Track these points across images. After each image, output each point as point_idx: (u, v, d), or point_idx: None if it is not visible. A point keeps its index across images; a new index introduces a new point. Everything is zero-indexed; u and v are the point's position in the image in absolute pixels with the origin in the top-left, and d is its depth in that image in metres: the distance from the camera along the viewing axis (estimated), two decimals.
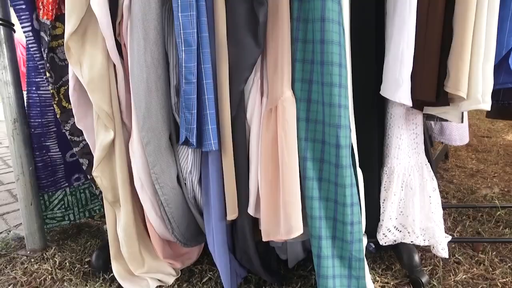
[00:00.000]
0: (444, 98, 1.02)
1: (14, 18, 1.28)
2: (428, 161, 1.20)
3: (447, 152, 2.66)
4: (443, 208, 1.20)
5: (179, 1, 0.88)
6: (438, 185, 1.18)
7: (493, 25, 0.96)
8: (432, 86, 1.02)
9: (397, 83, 0.98)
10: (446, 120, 1.15)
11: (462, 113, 1.11)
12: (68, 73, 1.07)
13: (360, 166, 1.05)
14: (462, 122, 1.15)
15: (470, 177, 2.28)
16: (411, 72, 0.98)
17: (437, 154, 2.43)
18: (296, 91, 0.99)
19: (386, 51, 1.02)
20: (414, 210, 1.15)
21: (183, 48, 0.90)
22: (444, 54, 1.00)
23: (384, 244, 1.18)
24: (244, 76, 0.99)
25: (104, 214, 1.18)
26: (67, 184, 1.51)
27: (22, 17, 1.14)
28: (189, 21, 0.89)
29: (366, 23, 1.04)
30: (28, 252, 1.43)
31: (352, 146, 0.99)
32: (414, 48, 0.98)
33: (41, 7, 1.11)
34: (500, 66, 1.04)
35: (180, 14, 0.88)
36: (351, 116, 1.02)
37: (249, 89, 1.04)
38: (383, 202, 1.16)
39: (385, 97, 1.03)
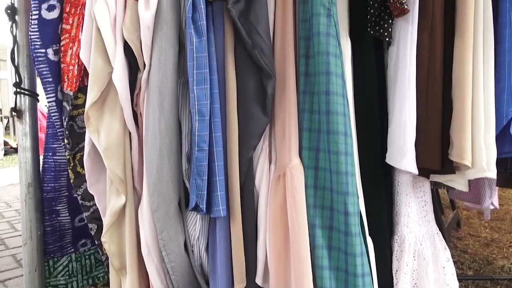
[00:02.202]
0: (449, 166, 1.04)
1: (39, 89, 1.37)
2: (440, 230, 1.18)
3: (459, 220, 2.60)
4: (459, 280, 1.15)
5: (195, 76, 0.95)
6: (452, 255, 1.15)
7: (491, 98, 1.01)
8: (437, 154, 1.04)
9: (402, 152, 1.01)
10: (453, 188, 1.16)
11: (469, 180, 1.12)
12: (84, 140, 1.13)
13: (370, 235, 1.04)
14: (469, 190, 1.16)
15: (485, 246, 2.21)
16: (416, 141, 1.02)
17: (449, 222, 2.38)
18: (304, 158, 1.02)
19: (390, 121, 1.06)
20: (429, 281, 1.10)
21: (197, 118, 0.95)
22: (446, 123, 1.04)
23: None
24: (253, 144, 1.03)
25: (108, 282, 1.15)
26: (73, 250, 1.49)
27: (48, 88, 1.22)
28: (203, 93, 0.95)
29: (368, 95, 1.10)
30: None
31: (361, 214, 0.99)
32: (417, 118, 1.02)
33: (66, 80, 1.20)
34: (503, 136, 1.07)
35: (195, 87, 0.95)
36: (359, 183, 1.04)
37: (257, 157, 1.07)
38: (395, 273, 1.12)
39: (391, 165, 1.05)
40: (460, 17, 1.03)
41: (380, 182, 1.12)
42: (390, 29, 1.05)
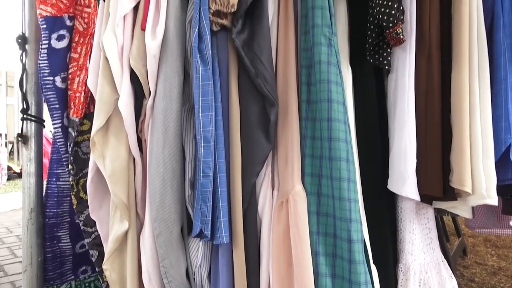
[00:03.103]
0: (451, 193, 1.04)
1: (45, 114, 1.40)
2: (446, 258, 1.16)
3: (465, 248, 2.56)
4: None
5: (200, 103, 0.97)
6: (459, 284, 1.13)
7: (488, 125, 1.02)
8: (438, 181, 1.04)
9: (403, 178, 1.01)
10: (457, 215, 1.15)
11: (472, 208, 1.11)
12: (88, 166, 1.14)
13: (374, 263, 1.03)
14: (473, 217, 1.15)
15: (492, 275, 2.16)
16: (417, 168, 1.02)
17: (455, 250, 2.34)
18: (306, 185, 1.02)
19: (390, 148, 1.07)
20: None
21: (203, 144, 0.96)
22: (446, 150, 1.05)
23: None
24: (256, 170, 1.03)
25: None
26: (73, 277, 1.47)
27: (55, 115, 1.25)
28: (209, 120, 0.97)
29: (369, 121, 1.12)
30: None
31: (364, 241, 0.98)
32: (417, 144, 1.03)
33: (72, 106, 1.23)
34: (505, 163, 1.07)
35: (201, 114, 0.97)
36: (362, 210, 1.03)
37: (260, 183, 1.07)
38: None
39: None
40: (456, 46, 1.05)
41: (383, 208, 1.12)
42: (388, 58, 1.08)
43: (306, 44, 1.06)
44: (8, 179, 6.35)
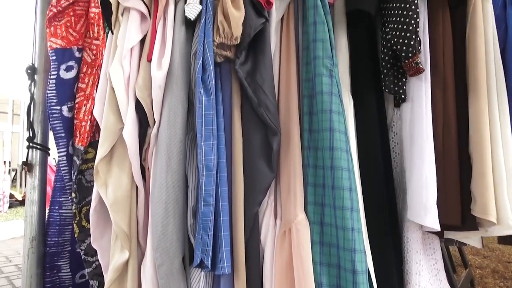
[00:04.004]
0: (471, 223, 1.02)
1: (50, 143, 1.42)
2: None
3: (472, 279, 2.49)
4: None
5: (203, 132, 0.98)
6: None
7: (510, 153, 1.02)
8: (457, 210, 1.03)
9: (425, 208, 0.99)
10: (466, 244, 1.13)
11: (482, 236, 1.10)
12: (91, 194, 1.14)
13: None
14: (482, 247, 1.13)
15: None
16: None
17: (462, 281, 2.28)
18: (309, 214, 1.02)
19: (409, 178, 1.06)
20: None
21: (204, 173, 0.97)
22: (465, 179, 1.03)
23: None
24: (258, 199, 1.03)
25: None
26: None
27: (60, 143, 1.26)
28: (211, 149, 0.98)
29: (372, 150, 1.12)
30: None
31: (369, 272, 0.96)
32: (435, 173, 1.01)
33: (78, 135, 1.25)
34: None
35: (203, 143, 0.98)
36: (366, 240, 1.02)
37: (263, 212, 1.07)
38: None
39: (399, 220, 1.04)
40: (472, 76, 1.06)
41: (388, 239, 1.10)
42: (404, 87, 1.08)
43: (307, 75, 1.08)
44: (10, 207, 6.31)
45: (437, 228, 0.99)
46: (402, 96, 1.09)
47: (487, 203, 0.97)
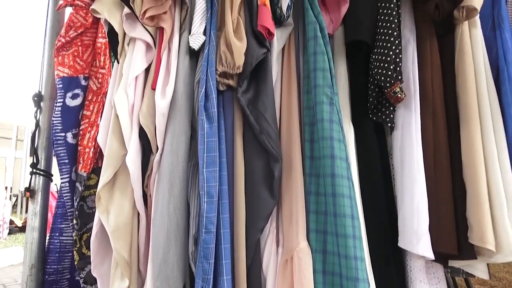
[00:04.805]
0: (469, 251, 1.00)
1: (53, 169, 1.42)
2: None
3: None
4: None
5: (205, 159, 0.99)
6: None
7: (509, 178, 1.01)
8: (452, 238, 1.01)
9: (417, 236, 0.98)
10: (474, 276, 1.10)
11: (488, 266, 1.08)
12: (93, 221, 1.14)
13: None
14: (489, 278, 1.10)
15: None
16: (429, 225, 0.99)
17: None
18: (312, 242, 1.01)
19: (399, 206, 1.06)
20: None
21: (206, 200, 0.97)
22: (460, 206, 1.02)
23: None
24: (260, 226, 1.03)
25: None
26: None
27: (63, 169, 1.27)
28: (213, 176, 0.99)
29: (373, 177, 1.12)
30: None
31: None
32: (428, 201, 1.01)
33: (81, 161, 1.25)
34: None
35: (205, 169, 0.99)
36: (369, 268, 1.00)
37: (265, 239, 1.06)
38: None
39: (403, 249, 1.02)
40: (463, 104, 1.07)
41: (391, 267, 1.08)
42: (391, 115, 1.10)
43: (308, 103, 1.10)
44: (9, 233, 6.25)
45: (430, 256, 0.98)
46: (389, 124, 1.10)
47: (484, 230, 0.95)
